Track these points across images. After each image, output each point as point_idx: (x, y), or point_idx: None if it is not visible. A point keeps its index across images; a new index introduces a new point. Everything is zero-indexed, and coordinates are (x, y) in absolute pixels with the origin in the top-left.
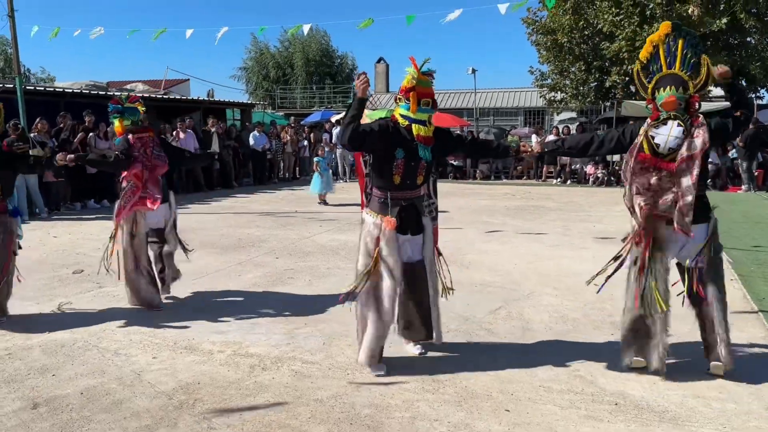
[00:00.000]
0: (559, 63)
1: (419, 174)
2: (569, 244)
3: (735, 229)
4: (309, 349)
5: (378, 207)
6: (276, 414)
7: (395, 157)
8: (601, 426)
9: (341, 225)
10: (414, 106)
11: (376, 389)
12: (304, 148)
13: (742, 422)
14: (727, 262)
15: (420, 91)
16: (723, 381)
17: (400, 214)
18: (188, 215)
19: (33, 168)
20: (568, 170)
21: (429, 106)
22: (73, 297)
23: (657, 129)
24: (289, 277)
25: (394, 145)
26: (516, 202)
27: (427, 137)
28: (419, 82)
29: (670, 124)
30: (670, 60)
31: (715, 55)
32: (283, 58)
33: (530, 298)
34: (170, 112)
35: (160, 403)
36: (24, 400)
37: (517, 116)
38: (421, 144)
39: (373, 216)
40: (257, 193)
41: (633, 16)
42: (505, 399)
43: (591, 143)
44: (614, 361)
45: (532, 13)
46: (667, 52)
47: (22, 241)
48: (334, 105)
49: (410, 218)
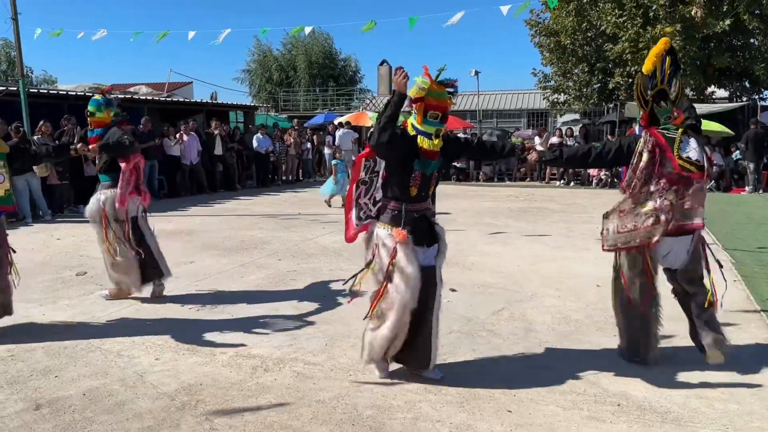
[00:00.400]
0: (562, 65)
1: (431, 185)
2: (572, 245)
3: (738, 230)
4: (311, 350)
5: (390, 219)
6: (278, 415)
7: (413, 168)
8: (603, 427)
9: (344, 227)
10: (420, 117)
11: (378, 390)
12: (307, 151)
13: (744, 423)
14: (730, 263)
15: (429, 102)
16: (726, 382)
17: (414, 226)
18: (191, 217)
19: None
20: (572, 172)
21: (437, 119)
22: (76, 299)
23: (682, 148)
24: (292, 278)
25: (413, 156)
26: (519, 204)
27: (431, 152)
28: (430, 92)
29: (685, 138)
30: (662, 76)
31: (718, 57)
32: (286, 60)
33: (533, 300)
34: (173, 115)
35: (163, 404)
36: (27, 402)
37: (520, 118)
38: (424, 158)
39: (387, 229)
40: (260, 196)
41: (636, 17)
42: (507, 400)
43: (589, 155)
44: (617, 362)
45: (535, 14)
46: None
47: (26, 244)
48: (337, 107)
49: (422, 230)
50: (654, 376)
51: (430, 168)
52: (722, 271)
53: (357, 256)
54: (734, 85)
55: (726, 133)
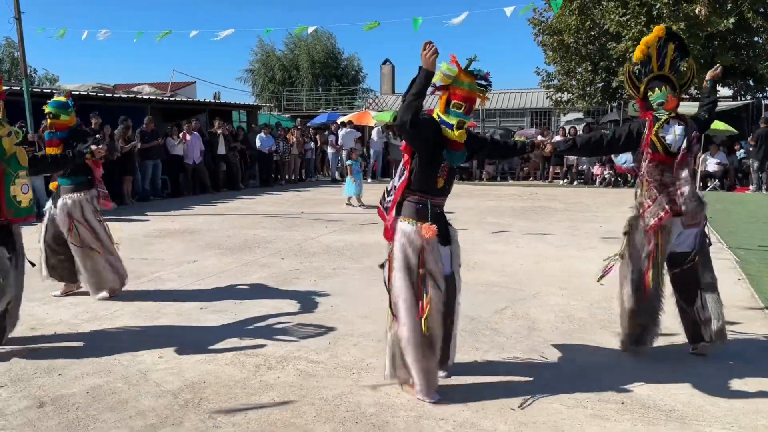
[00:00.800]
0: (565, 63)
1: (453, 178)
2: (576, 244)
3: (743, 229)
4: (314, 348)
5: (414, 213)
6: (281, 413)
7: (442, 158)
8: (607, 425)
9: (347, 226)
10: (442, 106)
11: (381, 388)
12: (310, 151)
13: (750, 421)
14: (734, 261)
15: (454, 91)
16: (731, 379)
17: (436, 222)
18: (194, 217)
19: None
20: (575, 171)
21: (461, 109)
22: (79, 297)
23: (664, 129)
24: (295, 277)
25: (441, 145)
26: (522, 203)
27: (456, 142)
28: (455, 81)
29: (672, 123)
30: (661, 62)
31: (722, 55)
32: (288, 60)
33: (536, 298)
34: (177, 114)
35: (166, 402)
36: (30, 399)
37: (523, 117)
38: (450, 148)
39: (412, 223)
40: (263, 195)
41: (640, 16)
42: (511, 398)
43: (601, 141)
44: (620, 359)
45: (539, 13)
46: (658, 55)
47: (29, 243)
48: (339, 107)
49: (441, 227)
50: (658, 374)
51: (456, 159)
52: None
53: (361, 255)
54: (738, 83)
55: (730, 131)
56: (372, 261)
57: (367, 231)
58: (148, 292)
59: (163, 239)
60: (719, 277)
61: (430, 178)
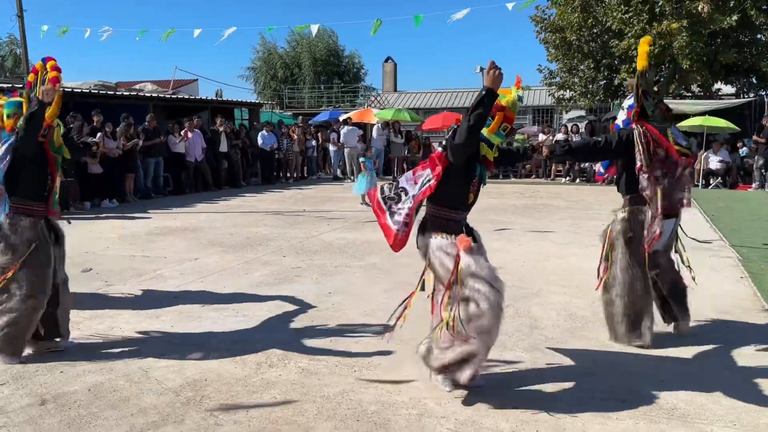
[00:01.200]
0: (567, 61)
1: (479, 193)
2: (578, 242)
3: (745, 227)
4: (316, 346)
5: (445, 227)
6: (282, 410)
7: (475, 173)
8: (609, 423)
9: (349, 224)
10: (495, 126)
11: (383, 386)
12: (312, 148)
13: (752, 419)
14: (737, 259)
15: (508, 114)
16: (733, 378)
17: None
18: (196, 214)
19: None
20: (577, 168)
21: (505, 132)
22: (81, 295)
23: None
24: (296, 275)
25: (475, 160)
26: (524, 201)
27: (489, 161)
28: (512, 105)
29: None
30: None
31: (725, 53)
32: (290, 57)
33: (538, 296)
34: (179, 112)
35: (167, 399)
36: (32, 397)
37: (525, 114)
38: (480, 164)
39: (446, 237)
40: (265, 193)
41: (642, 13)
42: (513, 396)
43: (596, 145)
44: (623, 358)
45: (541, 11)
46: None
47: None
48: (341, 104)
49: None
50: (660, 373)
51: (485, 175)
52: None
53: (362, 252)
54: (741, 81)
55: (732, 129)
56: (374, 259)
57: (369, 229)
58: (150, 290)
59: (165, 237)
60: (722, 275)
61: (463, 192)
